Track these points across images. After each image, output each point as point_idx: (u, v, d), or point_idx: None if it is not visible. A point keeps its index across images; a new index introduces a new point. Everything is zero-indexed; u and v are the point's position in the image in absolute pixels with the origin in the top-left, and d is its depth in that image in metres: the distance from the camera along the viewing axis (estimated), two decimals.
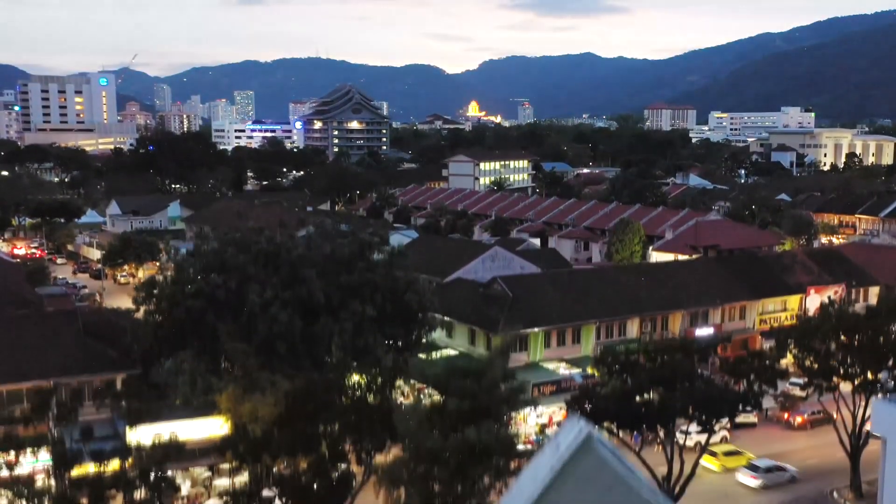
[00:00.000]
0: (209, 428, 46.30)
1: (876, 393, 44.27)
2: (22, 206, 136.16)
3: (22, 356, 47.45)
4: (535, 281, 63.40)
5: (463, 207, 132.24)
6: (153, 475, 31.78)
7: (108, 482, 31.21)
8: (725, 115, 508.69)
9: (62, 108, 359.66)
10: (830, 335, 44.06)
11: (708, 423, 36.14)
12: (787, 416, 56.17)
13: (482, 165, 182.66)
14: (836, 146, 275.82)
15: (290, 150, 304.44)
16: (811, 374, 44.78)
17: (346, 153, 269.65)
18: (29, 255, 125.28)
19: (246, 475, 35.54)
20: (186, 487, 43.17)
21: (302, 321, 44.22)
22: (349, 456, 34.33)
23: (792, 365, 48.07)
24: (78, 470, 33.21)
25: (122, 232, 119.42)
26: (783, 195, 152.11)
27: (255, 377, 44.36)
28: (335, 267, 46.43)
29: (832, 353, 45.09)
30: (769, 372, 39.04)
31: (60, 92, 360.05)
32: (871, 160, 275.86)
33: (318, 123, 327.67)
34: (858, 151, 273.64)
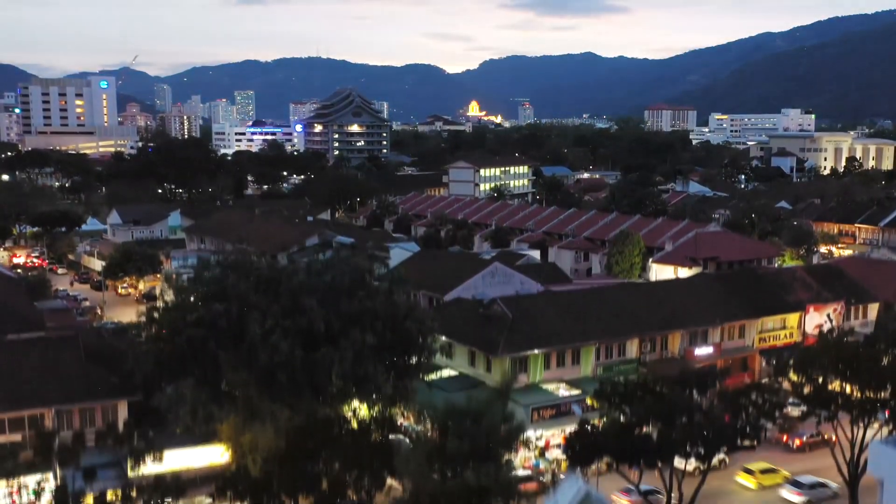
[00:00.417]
0: (211, 456, 46.67)
1: (874, 416, 44.56)
2: (23, 215, 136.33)
3: (23, 383, 47.63)
4: (534, 301, 63.52)
5: (463, 216, 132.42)
6: None
7: None
8: (725, 116, 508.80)
9: (62, 110, 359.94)
10: (829, 364, 44.20)
11: (707, 457, 36.30)
12: (785, 438, 56.34)
13: (482, 172, 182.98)
14: (836, 150, 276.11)
15: (290, 153, 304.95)
16: (809, 402, 44.94)
17: (346, 158, 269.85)
18: (28, 264, 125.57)
19: None
20: None
21: (302, 350, 44.33)
22: (349, 495, 34.54)
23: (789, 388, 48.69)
24: None
25: (122, 242, 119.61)
26: (783, 203, 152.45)
27: (255, 406, 44.73)
28: (335, 295, 46.55)
29: (830, 381, 45.34)
30: (768, 405, 39.19)
31: (61, 95, 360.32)
32: (871, 164, 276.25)
33: (318, 127, 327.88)
34: (858, 155, 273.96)
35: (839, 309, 71.38)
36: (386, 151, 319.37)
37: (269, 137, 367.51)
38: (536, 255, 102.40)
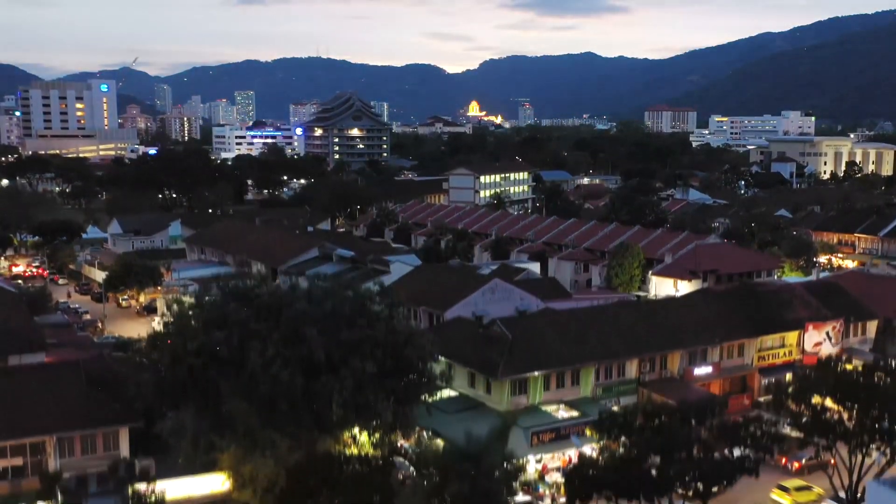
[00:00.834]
0: (212, 485, 46.93)
1: (872, 445, 44.73)
2: (23, 224, 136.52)
3: (24, 410, 47.76)
4: (534, 322, 63.65)
5: (463, 226, 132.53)
6: None
7: None
8: (725, 119, 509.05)
9: (63, 113, 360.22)
10: (828, 393, 44.41)
11: (706, 493, 36.51)
12: (784, 460, 56.44)
13: (482, 178, 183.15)
14: (836, 154, 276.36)
15: (290, 157, 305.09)
16: (808, 430, 45.11)
17: (346, 163, 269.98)
18: (27, 273, 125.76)
19: None
20: None
21: (303, 379, 44.53)
22: None
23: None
24: None
25: (123, 252, 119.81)
26: (783, 211, 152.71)
27: (256, 436, 44.93)
28: (336, 322, 46.71)
29: (828, 409, 45.54)
30: (766, 438, 39.37)
31: (61, 98, 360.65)
32: (871, 168, 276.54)
33: (318, 130, 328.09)
34: (858, 160, 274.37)
35: (838, 327, 71.50)
36: (386, 155, 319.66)
37: (269, 141, 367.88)
38: (536, 267, 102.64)
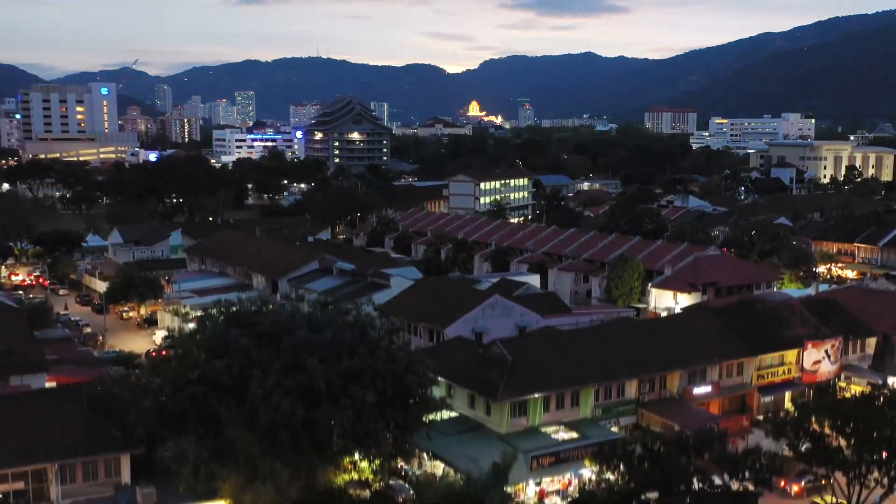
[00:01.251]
0: None
1: (871, 474, 44.89)
2: (24, 234, 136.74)
3: (25, 437, 47.92)
4: (534, 342, 63.87)
5: (463, 235, 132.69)
6: None
7: None
8: (725, 121, 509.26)
9: (63, 116, 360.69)
10: (826, 422, 44.59)
11: None
12: (783, 483, 56.57)
13: (483, 185, 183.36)
14: (836, 158, 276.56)
15: (291, 160, 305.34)
16: (807, 459, 45.29)
17: (346, 168, 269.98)
18: (26, 282, 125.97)
19: None
20: None
21: (304, 408, 44.72)
22: None
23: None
24: None
25: (123, 263, 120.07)
26: (782, 219, 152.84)
27: (257, 464, 45.12)
28: (337, 351, 46.90)
29: (827, 436, 45.74)
30: (765, 471, 39.56)
31: (62, 101, 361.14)
32: (871, 172, 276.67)
33: (318, 134, 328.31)
34: (858, 164, 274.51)
35: (837, 345, 71.68)
36: (386, 159, 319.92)
37: (269, 144, 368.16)
38: (536, 280, 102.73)
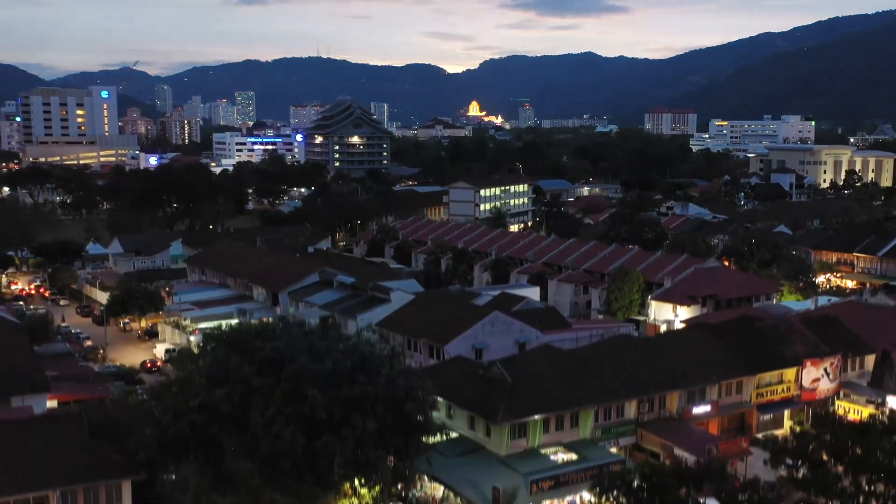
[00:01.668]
0: None
1: None
2: (24, 244, 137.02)
3: (27, 464, 48.07)
4: (533, 363, 63.88)
5: (463, 244, 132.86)
6: None
7: None
8: (725, 123, 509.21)
9: (63, 120, 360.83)
10: (825, 451, 44.79)
11: None
12: None
13: (483, 192, 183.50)
14: (835, 163, 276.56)
15: (291, 164, 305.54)
16: (805, 488, 45.49)
17: (346, 172, 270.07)
18: (27, 292, 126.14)
19: None
20: None
21: (304, 438, 44.93)
22: None
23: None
24: None
25: (124, 273, 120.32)
26: (782, 227, 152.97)
27: (258, 494, 45.34)
28: (337, 379, 47.09)
29: (825, 463, 45.94)
30: None
31: (62, 104, 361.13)
32: (870, 176, 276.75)
33: (318, 138, 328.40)
34: (858, 168, 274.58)
35: (836, 363, 71.88)
36: (386, 163, 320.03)
37: (269, 147, 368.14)
38: (535, 292, 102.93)
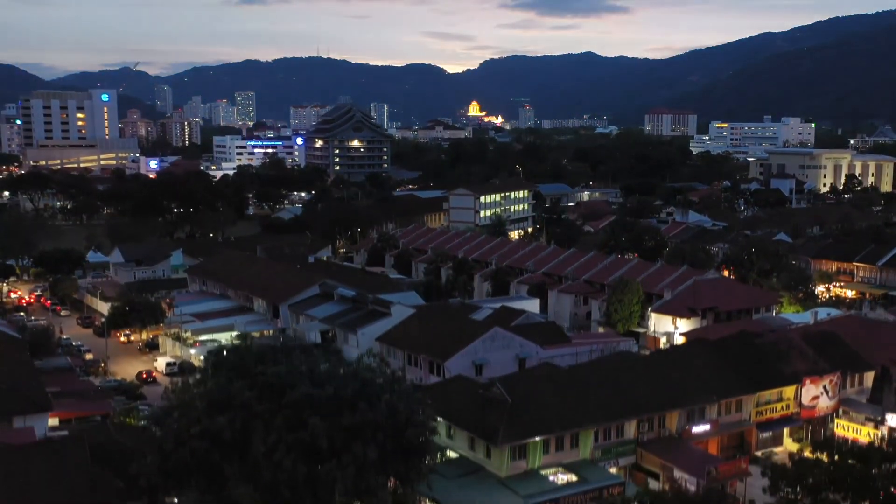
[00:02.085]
0: None
1: None
2: (25, 253, 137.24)
3: (30, 490, 48.21)
4: (534, 383, 64.05)
5: (463, 253, 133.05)
6: None
7: None
8: (725, 125, 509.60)
9: (64, 123, 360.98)
10: (823, 477, 45.01)
11: None
12: None
13: (483, 199, 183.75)
14: (835, 167, 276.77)
15: (291, 168, 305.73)
16: None
17: (346, 180, 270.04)
18: (26, 301, 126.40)
19: None
20: None
21: (305, 465, 45.13)
22: None
23: None
24: None
25: (125, 284, 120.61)
26: (782, 234, 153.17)
27: None
28: (338, 406, 47.27)
29: (824, 489, 46.15)
30: None
31: (62, 108, 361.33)
32: (870, 180, 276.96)
33: (319, 141, 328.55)
34: (858, 172, 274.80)
35: (835, 380, 72.11)
36: (387, 166, 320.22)
37: (269, 151, 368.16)
38: (535, 304, 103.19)
